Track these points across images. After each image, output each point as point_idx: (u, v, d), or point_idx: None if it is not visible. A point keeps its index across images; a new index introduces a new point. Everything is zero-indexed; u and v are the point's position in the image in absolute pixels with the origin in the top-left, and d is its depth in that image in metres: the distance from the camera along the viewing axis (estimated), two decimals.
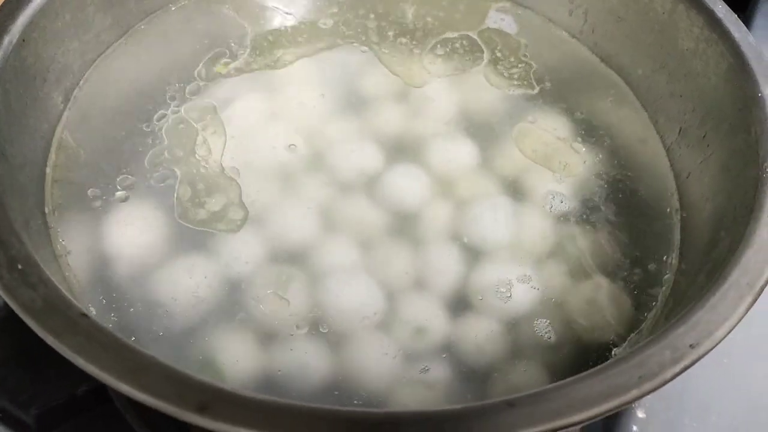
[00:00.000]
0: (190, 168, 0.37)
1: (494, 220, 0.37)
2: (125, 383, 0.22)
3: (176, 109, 0.39)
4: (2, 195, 0.28)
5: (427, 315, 0.33)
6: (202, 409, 0.22)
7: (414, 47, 0.44)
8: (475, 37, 0.44)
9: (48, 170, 0.35)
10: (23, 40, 0.34)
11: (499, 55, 0.43)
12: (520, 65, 0.43)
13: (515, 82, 0.42)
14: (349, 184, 0.37)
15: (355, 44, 0.43)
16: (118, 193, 0.35)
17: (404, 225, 0.36)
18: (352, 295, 0.34)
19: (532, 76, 0.43)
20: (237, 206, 0.36)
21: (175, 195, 0.36)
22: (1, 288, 0.24)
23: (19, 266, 0.25)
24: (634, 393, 0.23)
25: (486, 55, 0.43)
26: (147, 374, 0.22)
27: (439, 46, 0.44)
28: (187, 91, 0.40)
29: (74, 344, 0.23)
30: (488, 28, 0.45)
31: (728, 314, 0.25)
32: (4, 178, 0.30)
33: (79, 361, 0.23)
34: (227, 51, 0.42)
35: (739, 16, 0.37)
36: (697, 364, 0.25)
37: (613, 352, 0.32)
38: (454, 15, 0.45)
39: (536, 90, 0.42)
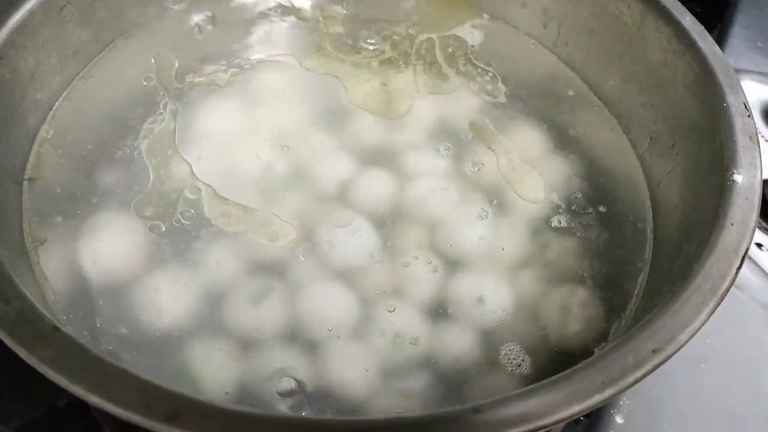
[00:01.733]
0: (167, 180, 0.37)
1: (469, 230, 0.37)
2: (94, 395, 0.22)
3: (155, 122, 0.39)
4: None
5: (405, 325, 0.34)
6: (170, 419, 0.22)
7: (389, 59, 0.44)
8: (450, 48, 0.45)
9: (25, 184, 0.35)
10: (0, 57, 0.34)
11: (471, 67, 0.44)
12: (492, 77, 0.44)
13: (488, 94, 0.43)
14: (327, 195, 0.38)
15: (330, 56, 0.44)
16: (96, 206, 0.36)
17: (380, 235, 0.37)
18: (329, 305, 0.34)
19: (505, 87, 0.43)
20: (213, 218, 0.36)
21: (152, 207, 0.36)
22: None
23: None
24: (597, 398, 0.24)
25: (459, 67, 0.44)
26: (116, 385, 0.23)
27: (413, 58, 0.45)
28: (166, 105, 0.40)
29: (45, 357, 0.23)
30: (460, 39, 0.45)
31: (691, 319, 0.26)
32: None
33: (50, 373, 0.23)
34: (205, 65, 0.42)
35: (716, 26, 0.37)
36: (675, 370, 0.25)
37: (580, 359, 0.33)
38: (428, 26, 0.46)
39: (510, 101, 0.43)
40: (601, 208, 0.38)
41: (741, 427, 0.43)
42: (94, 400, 0.22)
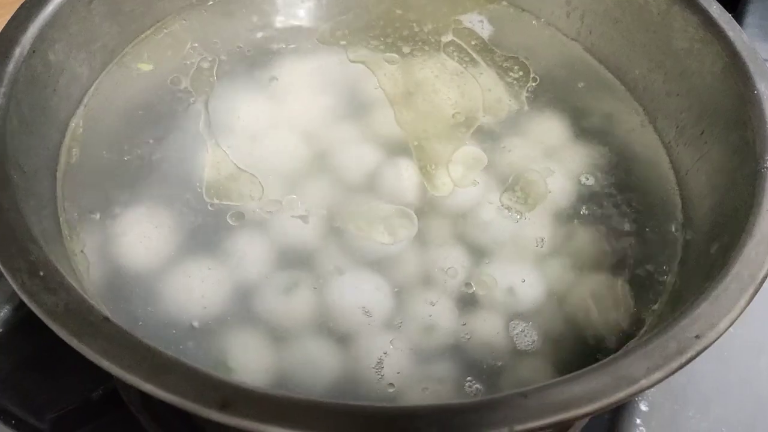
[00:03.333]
0: (198, 172, 0.37)
1: (498, 220, 0.37)
2: (149, 383, 0.23)
3: (185, 112, 0.40)
4: (19, 203, 0.29)
5: (434, 313, 0.34)
6: (223, 407, 0.22)
7: (411, 51, 0.44)
8: (473, 39, 0.45)
9: (59, 176, 0.36)
10: (33, 51, 0.34)
11: (496, 57, 0.44)
12: (517, 67, 0.44)
13: (513, 84, 0.43)
14: (354, 185, 0.38)
15: (353, 49, 0.44)
16: (129, 198, 0.36)
17: (410, 224, 0.37)
18: (360, 294, 0.34)
19: (530, 77, 0.43)
20: (246, 210, 0.36)
21: (186, 198, 0.36)
22: (23, 293, 0.25)
23: (41, 272, 0.26)
24: (643, 383, 0.24)
25: (484, 57, 0.44)
26: (169, 374, 0.23)
27: (435, 48, 0.45)
28: (196, 94, 0.40)
29: (97, 347, 0.24)
30: (481, 28, 0.46)
31: (731, 306, 0.26)
32: (20, 187, 0.30)
33: (104, 363, 0.23)
34: (235, 54, 0.42)
35: (732, 12, 0.37)
36: (700, 358, 0.25)
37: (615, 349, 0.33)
38: (450, 17, 0.46)
39: (535, 90, 0.43)
40: (629, 197, 0.38)
41: (765, 414, 0.43)
42: (149, 388, 0.22)
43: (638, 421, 0.42)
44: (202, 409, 0.22)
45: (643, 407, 0.43)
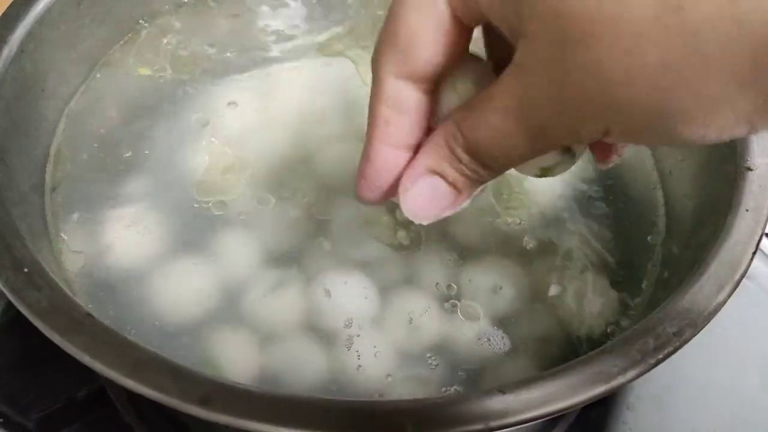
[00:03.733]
0: (187, 170, 0.38)
1: (483, 219, 0.38)
2: (130, 379, 0.23)
3: (173, 112, 0.40)
4: (5, 201, 0.29)
5: (420, 313, 0.34)
6: (204, 402, 0.23)
7: None
8: None
9: (47, 176, 0.36)
10: (21, 51, 0.35)
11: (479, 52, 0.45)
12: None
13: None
14: (344, 184, 0.38)
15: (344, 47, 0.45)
16: (118, 196, 0.36)
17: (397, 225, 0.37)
18: (347, 294, 0.35)
19: None
20: (234, 208, 0.37)
21: (174, 197, 0.37)
22: (8, 290, 0.25)
23: (25, 269, 0.26)
24: (620, 380, 0.24)
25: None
26: (150, 370, 0.23)
27: None
28: (184, 93, 0.41)
29: (80, 343, 0.24)
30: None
31: (709, 303, 0.26)
32: (7, 185, 0.30)
33: (86, 359, 0.23)
34: (223, 54, 0.43)
35: None
36: (687, 357, 0.25)
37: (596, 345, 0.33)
38: None
39: None
40: (612, 197, 0.39)
41: (751, 415, 0.43)
42: (130, 384, 0.23)
43: (624, 420, 0.43)
44: (183, 405, 0.23)
45: (630, 407, 0.43)
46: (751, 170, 0.31)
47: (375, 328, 0.34)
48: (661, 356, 0.25)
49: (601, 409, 0.43)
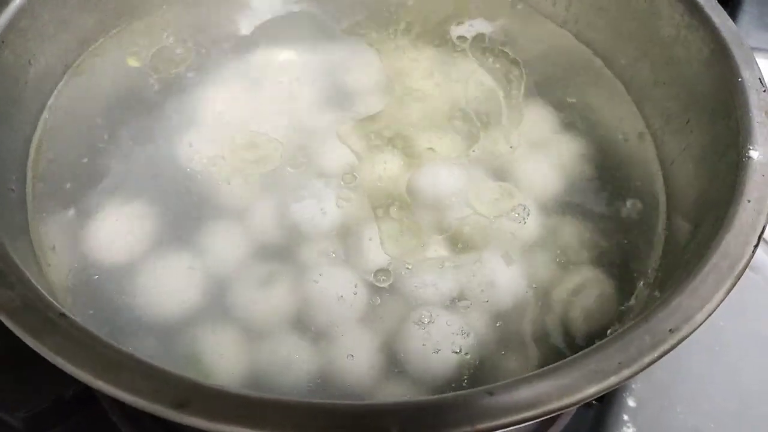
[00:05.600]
0: (174, 163, 0.37)
1: (481, 212, 0.37)
2: (102, 381, 0.22)
3: (160, 105, 0.39)
4: None
5: (413, 311, 0.33)
6: (180, 406, 0.22)
7: (399, 39, 0.44)
8: (462, 27, 0.44)
9: (29, 170, 0.35)
10: (2, 42, 0.34)
11: (483, 45, 0.43)
12: (503, 56, 0.43)
13: (501, 71, 0.42)
14: (338, 175, 0.37)
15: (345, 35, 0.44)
16: (101, 191, 0.35)
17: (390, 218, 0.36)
18: (336, 288, 0.34)
19: (518, 65, 0.42)
20: (222, 202, 0.36)
21: (160, 191, 0.36)
22: None
23: None
24: (613, 379, 0.23)
25: (472, 44, 0.43)
26: (124, 371, 0.22)
27: (423, 37, 0.44)
28: (172, 88, 0.40)
29: (52, 343, 0.23)
30: (470, 18, 0.45)
31: (708, 298, 0.25)
32: None
33: (58, 360, 0.23)
34: (211, 46, 0.42)
35: (727, 3, 0.37)
36: (688, 353, 0.24)
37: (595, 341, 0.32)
38: (442, 6, 0.45)
39: (522, 79, 0.42)
40: (614, 189, 0.38)
41: (753, 409, 0.42)
42: (101, 385, 0.22)
43: (625, 417, 0.42)
44: (158, 408, 0.22)
45: (631, 403, 0.42)
46: (753, 159, 0.29)
47: (365, 326, 0.33)
48: (657, 354, 0.24)
49: (601, 405, 0.42)
